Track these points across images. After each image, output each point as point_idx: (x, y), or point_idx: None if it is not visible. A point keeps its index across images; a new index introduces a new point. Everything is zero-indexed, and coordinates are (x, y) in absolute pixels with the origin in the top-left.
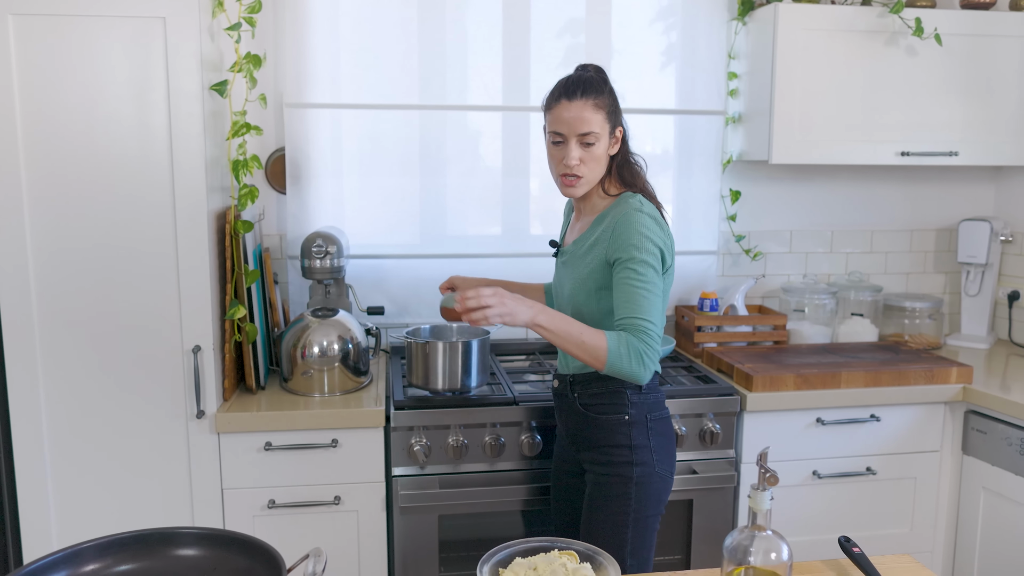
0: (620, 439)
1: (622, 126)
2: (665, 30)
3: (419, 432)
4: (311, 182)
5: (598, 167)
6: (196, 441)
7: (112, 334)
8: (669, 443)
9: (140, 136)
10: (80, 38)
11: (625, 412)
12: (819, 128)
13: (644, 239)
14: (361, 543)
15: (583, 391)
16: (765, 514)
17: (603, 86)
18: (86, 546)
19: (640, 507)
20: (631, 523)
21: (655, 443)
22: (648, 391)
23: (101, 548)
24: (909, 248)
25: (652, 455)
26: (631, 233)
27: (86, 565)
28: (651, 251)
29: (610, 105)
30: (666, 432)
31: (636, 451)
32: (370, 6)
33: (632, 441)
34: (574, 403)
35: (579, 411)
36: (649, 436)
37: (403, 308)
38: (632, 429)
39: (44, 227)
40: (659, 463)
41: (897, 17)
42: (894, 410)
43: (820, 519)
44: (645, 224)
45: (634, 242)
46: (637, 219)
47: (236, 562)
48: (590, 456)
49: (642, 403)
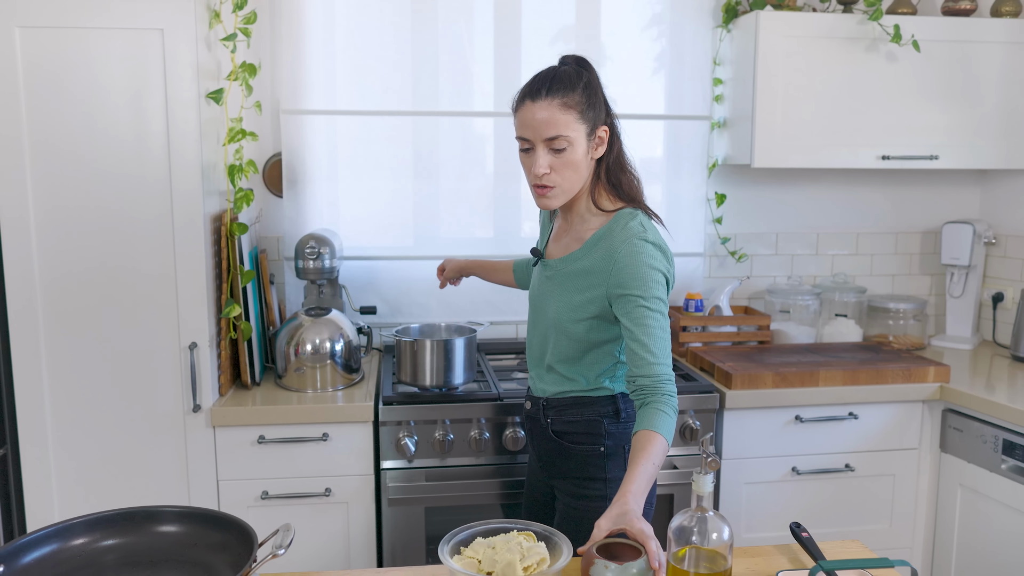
0: (594, 471)
1: (608, 125)
2: (653, 37)
3: (407, 427)
4: (307, 186)
5: (574, 175)
6: (193, 434)
7: (113, 330)
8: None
9: (139, 142)
10: (82, 49)
11: (600, 443)
12: (800, 132)
13: (653, 272)
14: (351, 534)
15: (557, 417)
16: (707, 496)
17: (575, 80)
18: (76, 522)
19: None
20: None
21: None
22: (627, 419)
23: (90, 524)
24: (895, 250)
25: None
26: (639, 266)
27: (75, 539)
28: (660, 283)
29: (584, 102)
30: None
31: (610, 484)
32: (364, 15)
33: (607, 474)
34: (547, 429)
35: (551, 438)
36: (625, 467)
37: (396, 308)
38: (608, 462)
39: (48, 228)
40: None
41: (876, 24)
42: (872, 408)
43: (799, 515)
44: (652, 256)
45: (642, 275)
46: (642, 250)
47: (213, 537)
48: (562, 485)
49: (620, 433)
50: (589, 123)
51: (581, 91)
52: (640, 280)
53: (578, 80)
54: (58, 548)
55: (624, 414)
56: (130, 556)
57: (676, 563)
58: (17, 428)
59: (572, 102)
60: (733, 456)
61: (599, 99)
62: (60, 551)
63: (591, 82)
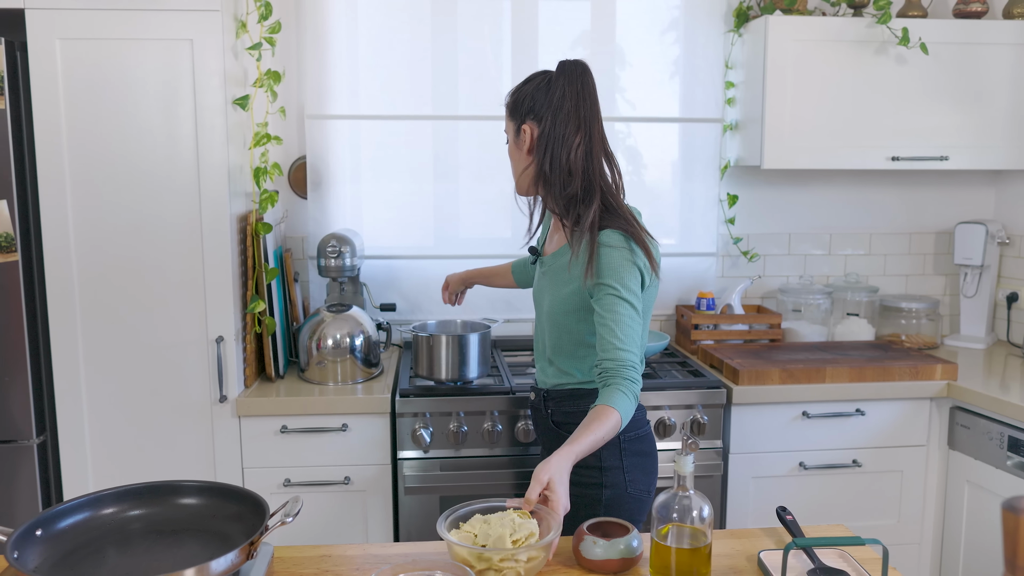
0: (590, 459)
1: (530, 124)
2: (668, 42)
3: (423, 418)
4: (330, 188)
5: (512, 164)
6: (219, 423)
7: (145, 324)
8: (646, 461)
9: (169, 146)
10: (117, 59)
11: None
12: (809, 134)
13: (625, 263)
14: (368, 521)
15: (556, 408)
16: (688, 476)
17: (521, 85)
18: (106, 493)
19: None
20: None
21: (628, 463)
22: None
23: (119, 495)
24: (908, 250)
25: (624, 475)
26: (611, 259)
27: (106, 508)
28: (635, 276)
29: (510, 104)
30: (643, 451)
31: (606, 473)
32: (386, 24)
33: (602, 463)
34: (548, 419)
35: (552, 427)
36: (622, 456)
37: (415, 306)
38: (603, 450)
39: (85, 227)
40: (632, 483)
41: (886, 27)
42: (879, 405)
43: (807, 509)
44: (619, 254)
45: (614, 268)
46: (610, 253)
47: (230, 508)
48: None
49: None
50: (515, 120)
51: (514, 93)
52: (614, 271)
53: (524, 84)
54: (90, 516)
55: None
56: (155, 525)
57: (659, 540)
58: (56, 417)
59: (508, 102)
60: (741, 451)
61: (524, 100)
62: (92, 519)
63: (530, 89)
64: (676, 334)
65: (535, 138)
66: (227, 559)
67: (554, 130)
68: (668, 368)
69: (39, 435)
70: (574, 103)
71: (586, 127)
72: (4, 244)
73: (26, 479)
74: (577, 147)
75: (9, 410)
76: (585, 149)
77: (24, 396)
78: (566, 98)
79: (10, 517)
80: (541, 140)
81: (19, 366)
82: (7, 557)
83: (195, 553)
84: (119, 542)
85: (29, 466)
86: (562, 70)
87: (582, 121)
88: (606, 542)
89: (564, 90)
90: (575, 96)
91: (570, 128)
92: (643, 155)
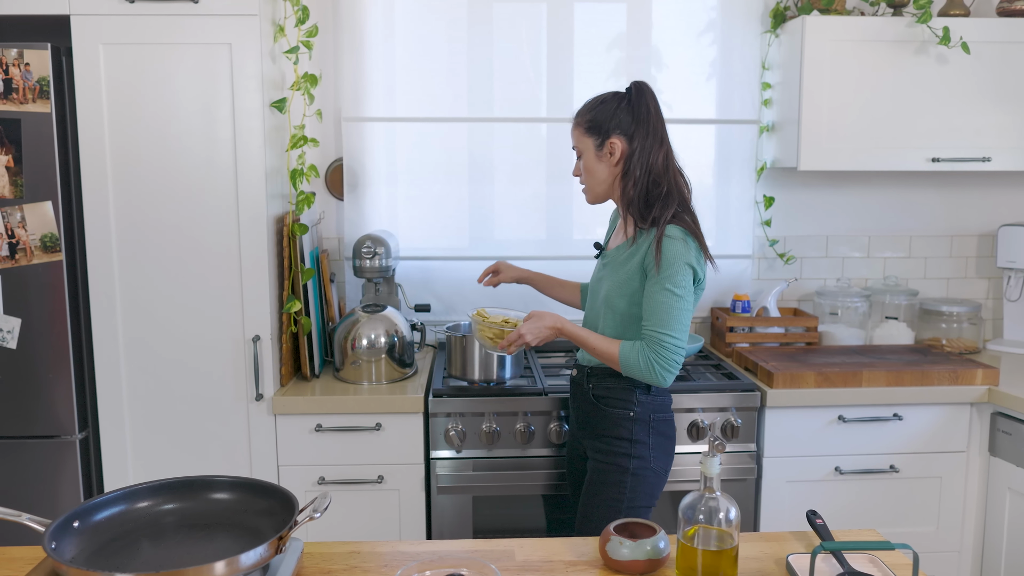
0: (622, 432)
1: (618, 138)
2: (704, 44)
3: (455, 418)
4: (367, 189)
5: (589, 177)
6: (255, 421)
7: (183, 323)
8: (668, 442)
9: (208, 148)
10: (158, 63)
11: (631, 409)
12: (847, 135)
13: (678, 259)
14: (402, 520)
15: (597, 383)
16: (715, 478)
17: (585, 111)
18: (141, 487)
19: (634, 497)
20: (624, 510)
21: (654, 441)
22: (656, 393)
23: (153, 489)
24: (949, 253)
25: (650, 451)
26: (667, 252)
27: (140, 502)
28: (684, 270)
29: (588, 121)
30: (666, 432)
31: (635, 445)
32: (422, 26)
33: (633, 436)
34: (588, 393)
35: (591, 401)
36: (650, 434)
37: (449, 306)
38: (635, 425)
39: (126, 228)
40: (655, 459)
41: (926, 27)
42: (917, 409)
43: (843, 514)
44: (677, 246)
45: (669, 260)
46: (671, 243)
47: (260, 504)
48: (593, 444)
49: (648, 403)
50: (595, 136)
51: (587, 112)
52: (667, 263)
53: (601, 104)
54: (125, 509)
55: (654, 388)
56: (187, 519)
57: (686, 541)
58: (98, 414)
59: (580, 121)
60: (775, 454)
61: (602, 119)
62: (127, 512)
63: (602, 108)
64: (711, 336)
65: (624, 151)
66: (256, 553)
67: (643, 143)
68: (702, 370)
69: (81, 431)
70: (655, 119)
71: (664, 140)
72: (49, 244)
73: (69, 473)
74: (660, 158)
75: (53, 406)
76: (664, 159)
77: (67, 393)
78: (650, 114)
79: (53, 510)
80: (632, 153)
81: (62, 363)
82: (45, 547)
83: (226, 547)
84: (153, 535)
85: (72, 461)
86: (640, 90)
87: (662, 135)
88: (633, 543)
89: (648, 107)
90: (656, 113)
91: (654, 141)
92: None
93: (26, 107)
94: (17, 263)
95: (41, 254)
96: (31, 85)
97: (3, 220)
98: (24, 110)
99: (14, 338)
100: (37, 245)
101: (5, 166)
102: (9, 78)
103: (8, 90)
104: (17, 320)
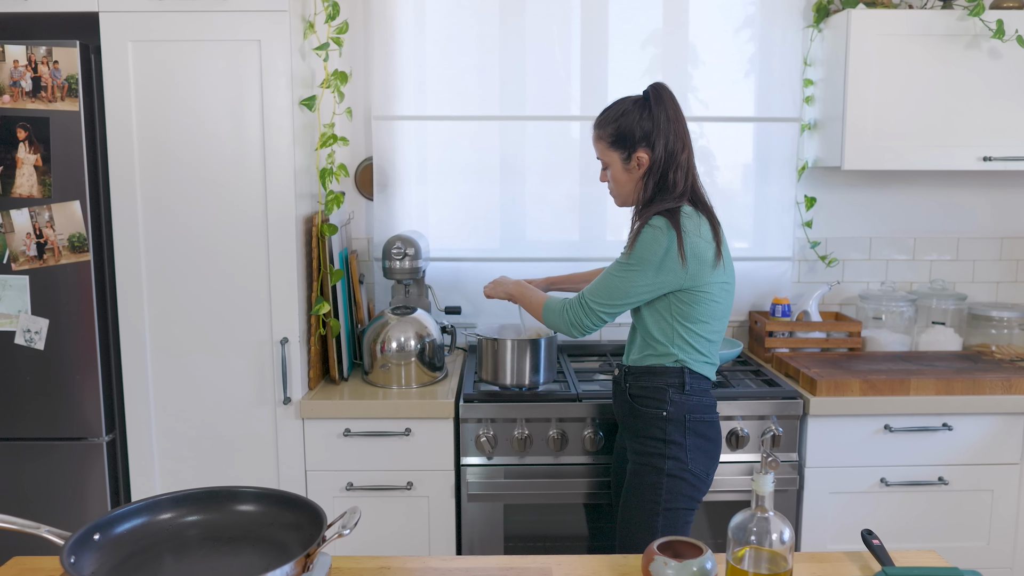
0: (656, 432)
1: (643, 151)
2: (743, 40)
3: (487, 424)
4: (397, 189)
5: (618, 187)
6: (283, 424)
7: (210, 325)
8: (709, 445)
9: (236, 147)
10: (186, 60)
11: (664, 408)
12: (893, 134)
13: (638, 245)
14: (431, 527)
15: (634, 383)
16: (768, 496)
17: (606, 124)
18: (164, 498)
19: (671, 499)
20: (662, 512)
21: (691, 442)
22: (691, 392)
23: (176, 500)
24: (999, 256)
25: (686, 452)
26: (642, 237)
27: (163, 513)
28: (638, 254)
29: (612, 135)
30: (707, 434)
31: (669, 446)
32: (453, 23)
33: (667, 436)
34: (625, 392)
35: (627, 400)
36: (686, 434)
37: (480, 308)
38: (668, 425)
39: (154, 229)
40: (693, 461)
41: (978, 20)
42: (968, 420)
43: (888, 528)
44: (645, 235)
45: (640, 243)
46: (649, 231)
47: (288, 517)
48: (631, 445)
49: (682, 402)
50: (620, 150)
51: (608, 125)
52: (636, 244)
53: (621, 117)
54: (147, 521)
55: (688, 387)
56: (211, 531)
57: (736, 563)
58: (125, 416)
59: (603, 135)
60: (818, 464)
61: (627, 132)
62: (149, 524)
63: (624, 120)
64: (749, 341)
65: (649, 163)
66: (283, 572)
67: (665, 152)
68: (741, 377)
69: (108, 433)
70: (676, 124)
71: (687, 142)
72: (77, 244)
73: (96, 475)
74: (683, 162)
75: (80, 408)
76: (687, 162)
77: (95, 394)
78: (670, 121)
79: (81, 512)
80: (655, 164)
81: (90, 365)
82: (63, 562)
83: (251, 562)
84: (176, 548)
85: (99, 463)
86: (657, 96)
87: (684, 137)
88: (678, 563)
89: (666, 114)
90: (676, 115)
91: (676, 143)
92: (716, 156)
93: (55, 105)
94: (45, 263)
95: (69, 254)
96: (60, 83)
97: (31, 220)
98: (53, 108)
99: (42, 339)
100: (65, 245)
101: (33, 165)
102: (38, 76)
103: (37, 88)
104: (45, 321)
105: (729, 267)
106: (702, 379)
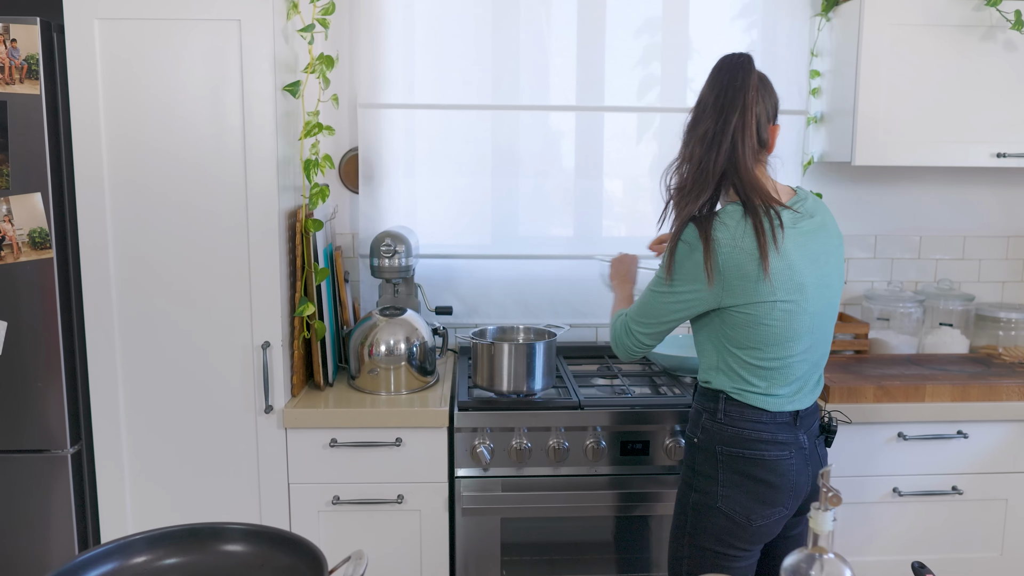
0: (687, 459)
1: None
2: (745, 28)
3: (483, 434)
4: (383, 182)
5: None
6: (264, 435)
7: (186, 328)
8: (755, 486)
9: (215, 136)
10: (159, 41)
11: (695, 435)
12: (905, 128)
13: (672, 260)
14: (423, 543)
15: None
16: (827, 536)
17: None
18: (136, 538)
19: (696, 535)
20: (687, 545)
21: (724, 478)
22: (726, 422)
23: (151, 540)
24: (1005, 255)
25: (717, 488)
26: (677, 255)
27: (136, 557)
28: (667, 270)
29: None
30: (752, 473)
31: (697, 477)
32: (444, 7)
33: (695, 465)
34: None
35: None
36: (718, 468)
37: (472, 308)
38: (698, 454)
39: (123, 224)
40: (724, 499)
41: (994, 10)
42: (983, 427)
43: (900, 539)
44: (679, 251)
45: (675, 262)
46: (682, 248)
47: (281, 560)
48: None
49: (715, 431)
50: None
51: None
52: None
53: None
54: (118, 567)
55: (722, 415)
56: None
57: None
58: (92, 425)
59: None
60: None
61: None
62: (120, 570)
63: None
64: None
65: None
66: None
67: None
68: None
69: (74, 444)
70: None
71: (730, 117)
72: (38, 240)
73: (60, 491)
74: (714, 139)
75: (43, 417)
76: (721, 139)
77: (58, 403)
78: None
79: (44, 531)
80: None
81: (53, 371)
82: None
83: None
84: None
85: (63, 477)
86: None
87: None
88: None
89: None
90: (732, 85)
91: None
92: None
93: (12, 88)
94: (3, 260)
95: (29, 251)
96: (18, 64)
97: None
98: (10, 91)
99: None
100: (25, 241)
101: None
102: None
103: None
104: (3, 323)
105: (789, 282)
106: (748, 409)
